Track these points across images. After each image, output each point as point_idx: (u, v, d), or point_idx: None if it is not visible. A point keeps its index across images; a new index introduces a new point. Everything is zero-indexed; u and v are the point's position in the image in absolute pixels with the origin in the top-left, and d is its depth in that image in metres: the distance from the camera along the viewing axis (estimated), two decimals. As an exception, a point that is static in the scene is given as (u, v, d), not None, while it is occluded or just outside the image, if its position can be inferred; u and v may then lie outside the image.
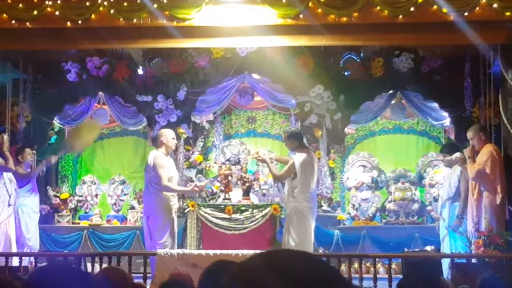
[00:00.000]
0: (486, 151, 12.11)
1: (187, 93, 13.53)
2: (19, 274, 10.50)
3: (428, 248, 12.18)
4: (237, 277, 1.82)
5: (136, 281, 8.71)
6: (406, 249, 12.15)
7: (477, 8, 11.79)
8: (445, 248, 12.56)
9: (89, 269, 11.83)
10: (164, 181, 12.15)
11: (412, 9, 11.92)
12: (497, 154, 12.17)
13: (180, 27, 12.30)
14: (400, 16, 11.94)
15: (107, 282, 4.88)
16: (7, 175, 12.55)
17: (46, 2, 12.23)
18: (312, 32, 12.38)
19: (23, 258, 11.82)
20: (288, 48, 12.99)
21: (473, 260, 11.39)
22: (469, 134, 12.40)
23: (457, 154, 12.85)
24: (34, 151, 13.22)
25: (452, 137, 13.70)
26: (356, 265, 11.33)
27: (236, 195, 13.24)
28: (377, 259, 11.69)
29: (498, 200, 12.00)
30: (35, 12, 12.24)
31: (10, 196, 12.49)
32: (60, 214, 13.77)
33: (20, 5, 12.27)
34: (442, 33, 12.23)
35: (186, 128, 13.69)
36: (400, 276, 10.58)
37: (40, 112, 13.76)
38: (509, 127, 12.25)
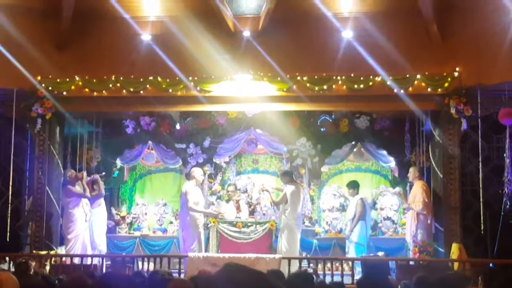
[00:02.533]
0: (418, 188, 12.26)
1: (210, 142, 13.47)
2: (91, 270, 10.72)
3: (380, 253, 12.09)
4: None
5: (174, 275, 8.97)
6: (364, 255, 12.10)
7: (413, 85, 12.03)
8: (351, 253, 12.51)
9: (140, 266, 12.02)
10: (190, 203, 12.38)
11: (368, 85, 12.21)
12: (426, 188, 12.26)
13: (206, 96, 12.47)
14: (360, 90, 12.25)
15: None
16: (84, 200, 12.67)
17: (113, 78, 12.53)
18: (298, 101, 12.51)
19: (94, 258, 12.00)
20: (282, 111, 12.95)
21: (411, 263, 11.39)
22: (411, 170, 12.54)
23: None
24: (103, 174, 13.30)
25: (396, 174, 13.67)
26: (328, 265, 11.14)
27: (244, 214, 13.32)
28: (343, 261, 11.83)
29: (428, 220, 12.18)
30: (106, 85, 12.55)
31: (86, 215, 12.63)
32: (120, 227, 13.83)
33: (95, 80, 12.56)
34: (389, 102, 12.37)
35: (209, 167, 13.63)
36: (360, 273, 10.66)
37: (107, 155, 13.78)
38: (436, 169, 12.43)
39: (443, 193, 12.36)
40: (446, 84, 12.06)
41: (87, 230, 12.73)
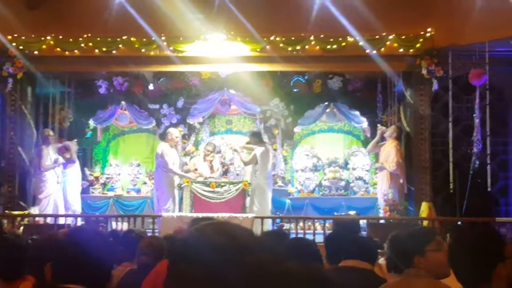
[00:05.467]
0: (392, 147, 12.29)
1: (184, 103, 13.56)
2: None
3: (351, 212, 12.31)
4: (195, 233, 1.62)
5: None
6: (335, 213, 12.23)
7: (385, 46, 12.06)
8: None
9: (114, 226, 12.00)
10: (170, 165, 12.45)
11: (341, 46, 12.22)
12: (400, 148, 12.34)
13: (179, 56, 12.42)
14: (333, 51, 12.30)
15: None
16: (58, 161, 12.70)
17: (85, 37, 12.44)
18: (271, 61, 12.52)
19: (68, 218, 12.08)
20: (255, 72, 12.98)
21: (382, 221, 11.63)
22: (391, 128, 12.58)
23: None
24: (76, 142, 13.29)
25: (368, 135, 13.73)
26: (301, 224, 11.40)
27: (217, 175, 13.40)
28: (315, 220, 12.07)
29: (401, 180, 12.27)
30: (78, 44, 12.45)
31: (58, 177, 12.61)
32: (93, 187, 13.85)
33: (67, 39, 12.49)
34: (361, 63, 12.41)
35: (183, 127, 13.72)
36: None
37: (79, 115, 13.77)
38: (407, 128, 12.56)
39: (414, 153, 12.48)
40: (418, 45, 12.08)
41: (59, 191, 12.71)
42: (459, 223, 10.86)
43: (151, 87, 13.53)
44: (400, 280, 3.65)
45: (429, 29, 12.04)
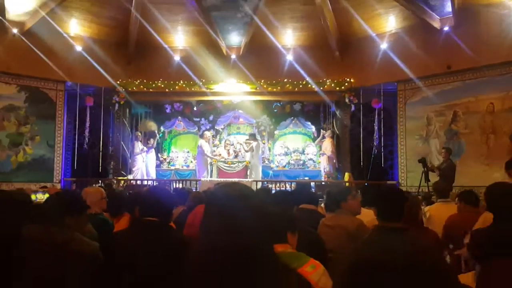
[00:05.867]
0: (329, 142, 12.23)
1: (213, 117, 13.45)
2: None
3: (306, 178, 12.30)
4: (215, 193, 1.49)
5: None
6: (297, 178, 12.22)
7: (326, 86, 12.03)
8: None
9: (174, 185, 11.76)
10: (205, 152, 12.50)
11: (301, 86, 12.22)
12: (333, 142, 12.23)
13: (210, 91, 12.38)
14: (296, 89, 12.28)
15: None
16: (143, 149, 12.71)
17: (158, 80, 12.45)
18: (262, 95, 12.40)
19: (148, 181, 12.11)
20: (253, 100, 12.76)
21: (323, 183, 11.51)
22: (328, 132, 12.38)
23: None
24: (154, 139, 13.22)
25: (315, 135, 13.41)
26: (278, 184, 11.30)
27: (231, 157, 13.30)
28: (286, 182, 11.96)
29: (334, 160, 12.18)
30: (155, 85, 12.45)
31: (143, 158, 12.60)
32: (163, 164, 13.57)
33: (150, 82, 12.46)
34: (312, 95, 12.16)
35: (213, 131, 13.59)
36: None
37: (156, 124, 13.64)
38: (337, 132, 12.54)
39: (341, 145, 12.42)
40: (343, 86, 12.04)
41: (144, 166, 12.69)
42: (366, 184, 10.84)
43: (195, 108, 13.35)
44: (333, 215, 3.70)
45: (349, 77, 12.03)
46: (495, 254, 1.89)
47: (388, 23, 11.40)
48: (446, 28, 10.40)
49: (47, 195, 4.41)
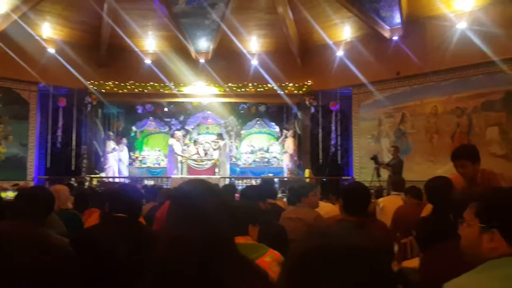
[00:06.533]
0: (290, 142, 12.31)
1: (184, 118, 13.32)
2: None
3: (270, 175, 12.31)
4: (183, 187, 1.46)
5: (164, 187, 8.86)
6: (262, 175, 12.20)
7: (288, 90, 12.08)
8: None
9: (146, 182, 11.40)
10: (175, 151, 12.31)
11: (265, 89, 12.25)
12: (295, 142, 12.33)
13: (180, 93, 12.18)
14: (261, 91, 12.32)
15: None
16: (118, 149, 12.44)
17: (129, 82, 12.17)
18: (229, 97, 12.31)
19: (121, 178, 11.87)
20: (221, 102, 12.70)
21: (285, 179, 11.63)
22: (290, 131, 12.42)
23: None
24: (125, 139, 12.95)
25: (279, 135, 13.38)
26: (244, 180, 11.36)
27: (201, 155, 13.13)
28: (251, 179, 11.95)
29: (295, 158, 12.29)
30: (126, 87, 12.17)
31: (114, 157, 12.32)
32: (135, 162, 13.33)
33: (122, 84, 12.16)
34: (275, 98, 12.15)
35: (183, 131, 13.42)
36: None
37: (127, 124, 13.39)
38: (299, 132, 12.66)
39: (302, 144, 12.52)
40: (304, 89, 12.14)
41: (116, 165, 12.39)
42: (324, 179, 11.00)
43: (166, 109, 13.16)
44: (293, 208, 3.73)
45: (309, 81, 12.16)
46: (435, 240, 1.98)
47: (344, 32, 11.61)
48: (395, 38, 10.71)
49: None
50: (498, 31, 8.74)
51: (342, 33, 11.66)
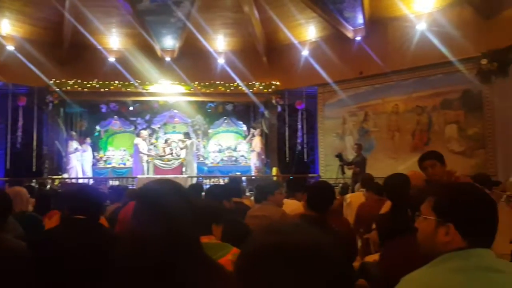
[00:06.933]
0: (258, 140, 12.22)
1: (150, 117, 13.06)
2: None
3: (237, 173, 12.21)
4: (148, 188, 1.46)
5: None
6: (230, 174, 11.99)
7: (255, 89, 12.14)
8: None
9: (111, 183, 11.09)
10: (141, 150, 12.02)
11: (232, 88, 12.28)
12: (262, 140, 12.29)
13: (146, 92, 12.01)
14: (228, 91, 12.31)
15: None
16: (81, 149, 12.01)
17: (94, 82, 11.85)
18: (196, 96, 12.24)
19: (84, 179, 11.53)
20: (188, 101, 12.56)
21: (253, 177, 11.58)
22: (257, 130, 12.38)
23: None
24: (89, 139, 12.56)
25: (246, 134, 13.35)
26: (212, 179, 11.29)
27: (167, 154, 12.96)
28: (219, 178, 11.86)
29: (263, 156, 12.25)
30: (89, 85, 11.86)
31: (77, 157, 11.86)
32: (99, 162, 13.00)
33: (85, 82, 11.83)
34: (243, 97, 12.18)
35: (149, 130, 13.14)
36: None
37: (90, 123, 13.02)
38: (266, 130, 12.70)
39: (269, 142, 12.58)
40: (270, 89, 12.20)
41: (79, 165, 11.98)
42: (291, 177, 11.08)
43: (131, 108, 12.86)
44: (259, 206, 3.72)
45: (277, 82, 12.22)
46: (393, 236, 2.02)
47: (309, 32, 11.75)
48: (358, 38, 10.93)
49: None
50: (455, 32, 9.07)
51: (307, 33, 11.79)
